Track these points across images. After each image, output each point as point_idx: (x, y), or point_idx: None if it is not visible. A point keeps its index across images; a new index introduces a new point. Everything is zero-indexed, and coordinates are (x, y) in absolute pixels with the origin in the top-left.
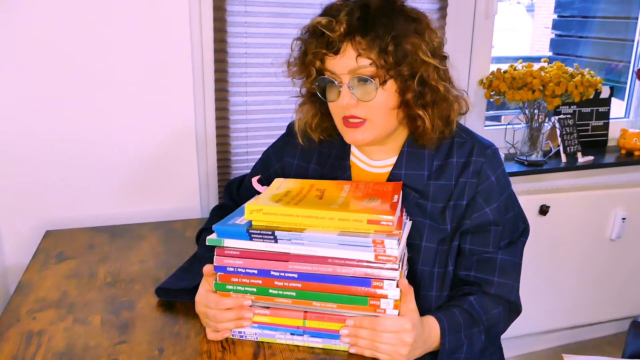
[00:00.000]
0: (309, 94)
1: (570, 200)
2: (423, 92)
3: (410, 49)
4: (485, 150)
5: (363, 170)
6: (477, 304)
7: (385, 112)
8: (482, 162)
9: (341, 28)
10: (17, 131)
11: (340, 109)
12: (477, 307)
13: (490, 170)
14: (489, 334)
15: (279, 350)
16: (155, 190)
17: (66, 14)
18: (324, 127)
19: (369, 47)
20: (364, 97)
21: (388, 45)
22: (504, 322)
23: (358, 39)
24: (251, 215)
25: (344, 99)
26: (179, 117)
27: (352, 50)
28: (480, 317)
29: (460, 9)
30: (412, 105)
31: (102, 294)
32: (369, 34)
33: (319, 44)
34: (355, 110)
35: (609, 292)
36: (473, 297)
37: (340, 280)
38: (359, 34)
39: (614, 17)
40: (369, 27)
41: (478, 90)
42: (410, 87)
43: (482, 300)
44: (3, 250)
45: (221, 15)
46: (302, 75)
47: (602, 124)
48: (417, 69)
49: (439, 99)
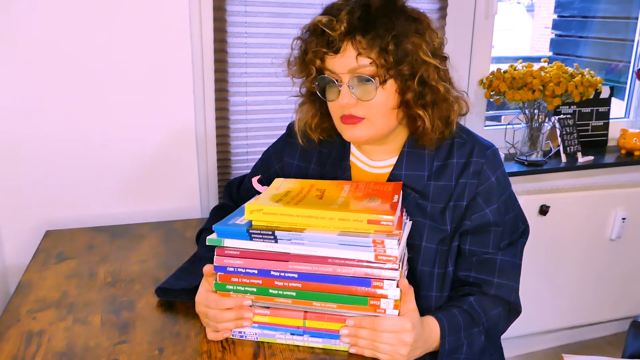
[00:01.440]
0: (309, 94)
1: (570, 200)
2: (423, 92)
3: (410, 48)
4: (486, 151)
5: (363, 170)
6: (477, 304)
7: (385, 112)
8: (483, 163)
9: (342, 27)
10: (18, 131)
11: (340, 108)
12: (477, 307)
13: (490, 171)
14: (488, 335)
15: (279, 350)
16: (155, 191)
17: (66, 14)
18: (323, 127)
19: (370, 47)
20: (364, 97)
21: (388, 44)
22: (503, 323)
23: (358, 38)
24: (251, 215)
25: (343, 98)
26: (179, 117)
27: (352, 50)
28: (480, 318)
29: (460, 9)
30: (412, 105)
31: (102, 294)
32: (370, 33)
33: (319, 42)
34: (355, 110)
35: (609, 292)
36: (473, 297)
37: (341, 280)
38: (359, 33)
39: (614, 17)
40: (369, 27)
41: (478, 90)
42: (410, 87)
43: (482, 301)
44: (3, 250)
45: (221, 15)
46: (302, 75)
47: (602, 124)
48: (418, 68)
49: (439, 99)
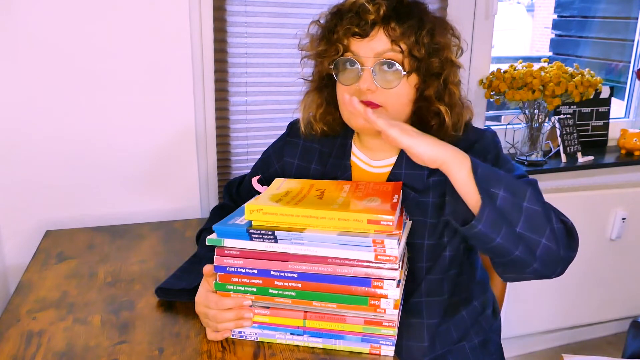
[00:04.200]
0: (320, 80)
1: (570, 200)
2: (442, 92)
3: (442, 45)
4: (483, 133)
5: (363, 170)
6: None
7: (402, 104)
8: (475, 141)
9: (381, 11)
10: (17, 131)
11: (357, 93)
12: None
13: (485, 150)
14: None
15: (279, 350)
16: (155, 190)
17: (66, 14)
18: (326, 119)
19: (404, 35)
20: (386, 85)
21: (424, 37)
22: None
23: (393, 25)
24: (251, 215)
25: (365, 82)
26: (179, 117)
27: (384, 36)
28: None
29: (460, 9)
30: (434, 101)
31: (102, 294)
32: (406, 22)
33: (352, 22)
34: (374, 97)
35: (609, 292)
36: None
37: (341, 280)
38: (394, 20)
39: (614, 17)
40: (404, 16)
41: (478, 91)
42: (433, 84)
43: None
44: (3, 250)
45: (221, 15)
46: (326, 53)
47: (602, 124)
48: (445, 67)
49: (454, 102)
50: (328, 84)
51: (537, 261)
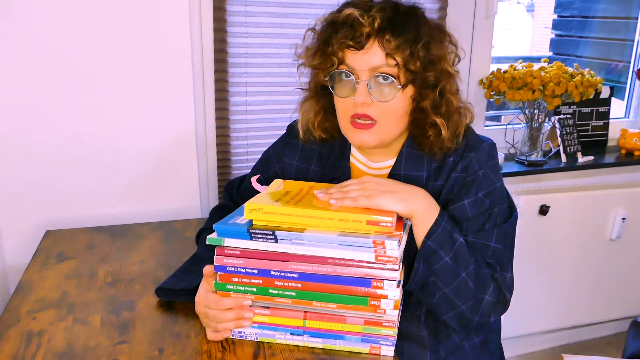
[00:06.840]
0: (317, 89)
1: (570, 200)
2: (439, 102)
3: (438, 57)
4: (480, 144)
5: (362, 171)
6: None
7: (397, 117)
8: (472, 157)
9: (375, 23)
10: (17, 131)
11: (352, 106)
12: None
13: (478, 164)
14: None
15: (279, 350)
16: (155, 190)
17: (66, 15)
18: (325, 127)
19: (399, 48)
20: (382, 98)
21: (419, 50)
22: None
23: (388, 37)
24: (251, 214)
25: (360, 96)
26: (178, 117)
27: (378, 48)
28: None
29: (460, 9)
30: (430, 113)
31: (102, 294)
32: (402, 35)
33: (346, 35)
34: (369, 110)
35: (609, 292)
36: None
37: (341, 280)
38: (389, 33)
39: (614, 17)
40: (399, 28)
41: (478, 90)
42: (429, 96)
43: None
44: (3, 250)
45: (221, 15)
46: (321, 65)
47: (602, 124)
48: (441, 78)
49: (452, 111)
50: (325, 93)
51: (451, 316)
